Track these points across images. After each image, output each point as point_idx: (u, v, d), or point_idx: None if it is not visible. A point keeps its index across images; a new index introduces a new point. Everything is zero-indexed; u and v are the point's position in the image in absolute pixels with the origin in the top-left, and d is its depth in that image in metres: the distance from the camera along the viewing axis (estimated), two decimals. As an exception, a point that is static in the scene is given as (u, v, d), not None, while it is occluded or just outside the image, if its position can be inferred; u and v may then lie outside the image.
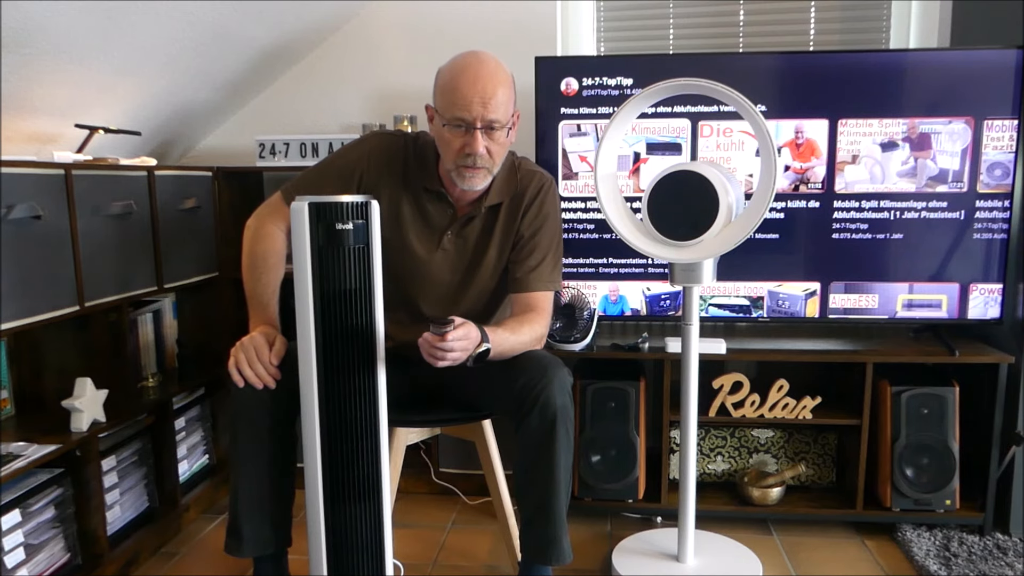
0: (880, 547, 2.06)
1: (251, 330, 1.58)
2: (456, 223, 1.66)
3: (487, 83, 1.49)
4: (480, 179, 1.57)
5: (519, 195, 1.67)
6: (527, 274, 1.66)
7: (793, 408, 2.10)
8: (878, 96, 2.02)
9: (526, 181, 1.69)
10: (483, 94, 1.49)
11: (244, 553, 1.56)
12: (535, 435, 1.51)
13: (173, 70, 2.05)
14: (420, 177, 1.65)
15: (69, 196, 1.71)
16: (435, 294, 1.70)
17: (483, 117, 1.50)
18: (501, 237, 1.68)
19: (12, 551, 1.64)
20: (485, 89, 1.49)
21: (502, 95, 1.51)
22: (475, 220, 1.67)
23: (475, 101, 1.48)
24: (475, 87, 1.49)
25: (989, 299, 2.07)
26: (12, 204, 1.55)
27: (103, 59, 1.81)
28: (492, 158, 1.55)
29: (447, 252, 1.67)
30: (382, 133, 1.75)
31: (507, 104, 1.53)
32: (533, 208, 1.67)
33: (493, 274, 1.70)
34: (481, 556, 2.05)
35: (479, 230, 1.68)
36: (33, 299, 1.62)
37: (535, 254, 1.66)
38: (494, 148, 1.54)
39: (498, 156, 1.57)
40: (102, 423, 1.82)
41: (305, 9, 2.20)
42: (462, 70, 1.51)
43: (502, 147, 1.57)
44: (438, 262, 1.67)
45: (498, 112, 1.51)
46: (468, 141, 1.51)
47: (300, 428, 1.42)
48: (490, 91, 1.49)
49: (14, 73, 1.63)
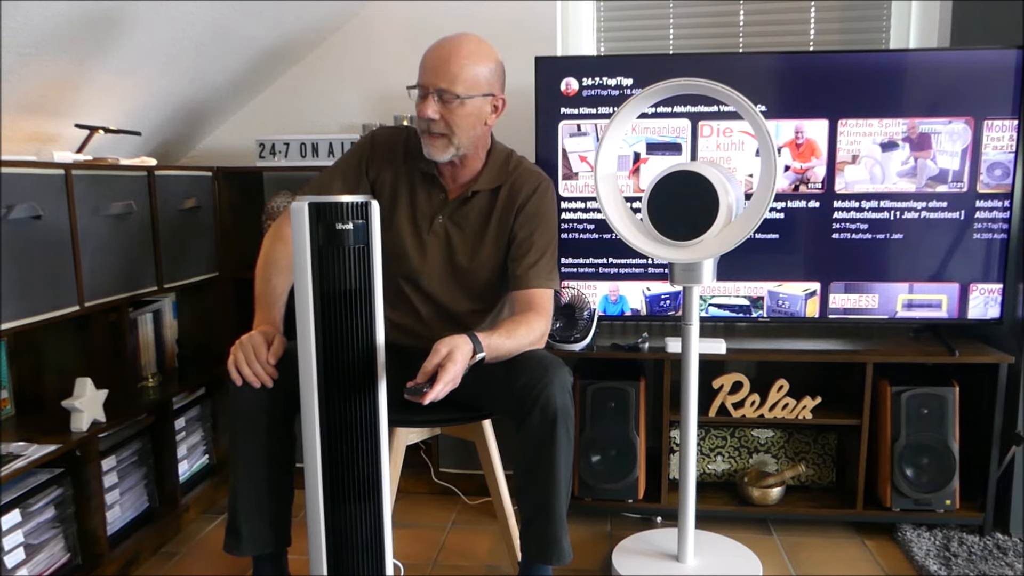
0: (880, 547, 2.06)
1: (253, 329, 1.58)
2: (447, 207, 1.70)
3: (447, 53, 1.57)
4: (440, 148, 1.62)
5: (514, 192, 1.69)
6: (526, 271, 1.67)
7: (793, 408, 2.10)
8: (878, 96, 2.02)
9: (522, 179, 1.70)
10: (438, 61, 1.57)
11: (243, 552, 1.56)
12: (535, 435, 1.51)
13: (173, 70, 2.05)
14: (418, 163, 1.70)
15: (69, 196, 1.71)
16: (429, 278, 1.72)
17: (434, 83, 1.57)
18: (494, 228, 1.70)
19: (12, 551, 1.64)
20: (441, 57, 1.57)
21: (458, 67, 1.56)
22: (466, 206, 1.70)
23: (429, 68, 1.58)
24: (434, 55, 1.58)
25: (989, 299, 2.07)
26: (12, 204, 1.55)
27: (103, 59, 1.81)
28: (450, 128, 1.59)
29: (438, 235, 1.70)
30: (387, 126, 1.82)
31: (468, 78, 1.58)
32: (529, 206, 1.69)
33: (487, 263, 1.71)
34: (481, 556, 2.05)
35: (471, 217, 1.70)
36: (33, 299, 1.62)
37: (532, 251, 1.67)
38: (450, 118, 1.59)
39: (459, 128, 1.60)
40: (102, 423, 1.82)
41: (305, 9, 2.20)
42: (435, 43, 1.61)
43: (462, 119, 1.60)
44: (430, 245, 1.71)
45: (453, 83, 1.56)
46: (419, 105, 1.60)
47: (299, 427, 1.42)
48: (446, 60, 1.56)
49: (14, 73, 1.63)
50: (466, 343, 1.44)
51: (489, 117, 1.66)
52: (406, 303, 1.74)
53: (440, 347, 1.40)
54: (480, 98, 1.61)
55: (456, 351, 1.40)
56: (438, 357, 1.39)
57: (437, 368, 1.38)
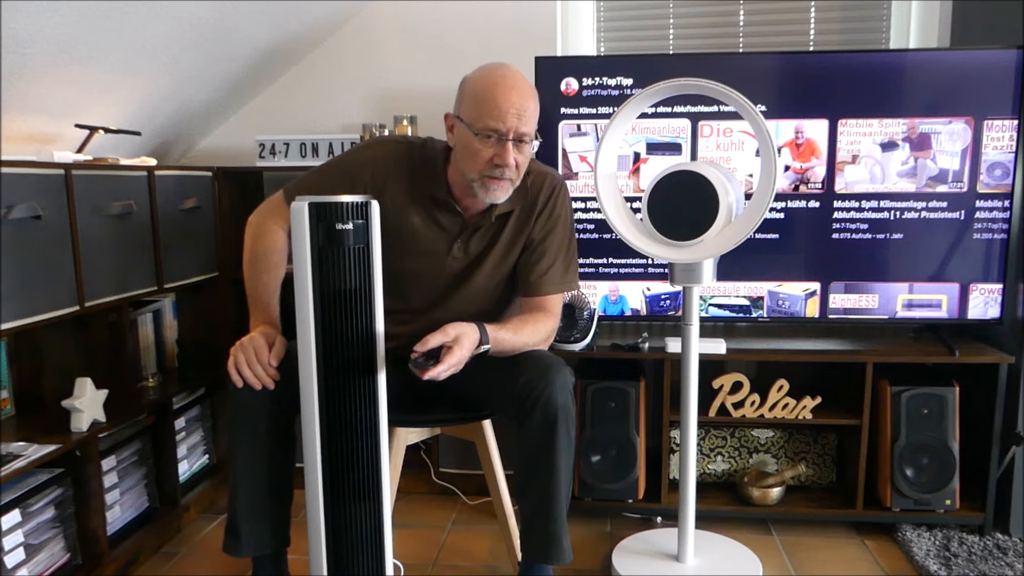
0: (880, 547, 2.06)
1: (251, 329, 1.58)
2: (465, 231, 1.65)
3: (522, 95, 1.51)
4: (504, 191, 1.56)
5: (531, 201, 1.66)
6: (539, 278, 1.65)
7: (793, 408, 2.10)
8: (878, 96, 2.02)
9: (537, 185, 1.67)
10: (519, 106, 1.49)
11: (242, 553, 1.56)
12: (536, 434, 1.51)
13: (173, 70, 2.05)
14: (428, 186, 1.63)
15: (69, 196, 1.71)
16: (445, 301, 1.69)
17: (517, 129, 1.50)
18: (510, 242, 1.67)
19: (12, 551, 1.64)
20: (520, 101, 1.50)
21: (533, 108, 1.53)
22: (484, 229, 1.66)
23: (511, 113, 1.49)
24: (510, 99, 1.49)
25: (989, 299, 2.07)
26: (12, 204, 1.55)
27: (103, 59, 1.81)
28: (517, 170, 1.55)
29: (457, 260, 1.66)
30: (387, 140, 1.73)
31: (536, 117, 1.55)
32: (545, 212, 1.66)
33: (502, 279, 1.70)
34: (481, 556, 2.04)
35: (489, 238, 1.66)
36: (33, 299, 1.62)
37: (546, 258, 1.66)
38: (521, 160, 1.55)
39: (523, 169, 1.57)
40: (102, 423, 1.82)
41: (305, 9, 2.20)
42: (497, 81, 1.51)
43: (527, 159, 1.57)
44: (448, 270, 1.66)
45: (530, 125, 1.53)
46: (499, 152, 1.50)
47: (299, 428, 1.42)
48: (524, 104, 1.50)
49: (14, 73, 1.63)
50: (474, 331, 1.46)
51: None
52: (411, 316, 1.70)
53: (449, 329, 1.42)
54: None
55: (464, 337, 1.42)
56: (445, 337, 1.40)
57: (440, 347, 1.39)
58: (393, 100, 2.44)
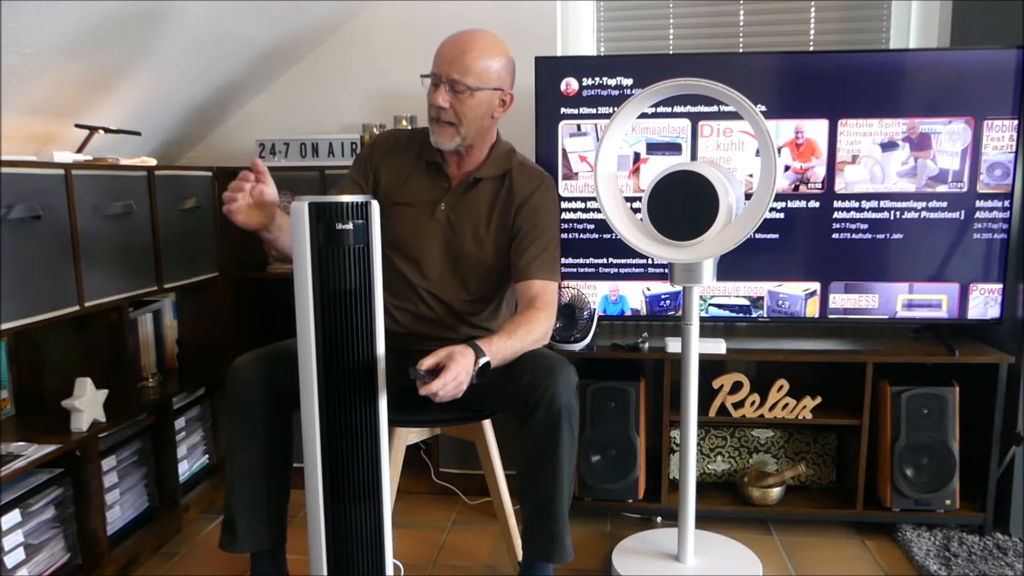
0: (880, 547, 2.06)
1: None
2: (450, 195, 1.73)
3: (462, 45, 1.62)
4: (447, 136, 1.66)
5: (515, 187, 1.72)
6: (529, 263, 1.69)
7: (793, 408, 2.10)
8: (878, 96, 2.02)
9: (523, 175, 1.74)
10: (453, 53, 1.62)
11: (239, 549, 1.57)
12: (539, 433, 1.52)
13: (173, 70, 2.05)
14: (422, 151, 1.76)
15: (69, 196, 1.71)
16: (429, 263, 1.74)
17: (447, 73, 1.62)
18: (495, 219, 1.72)
19: (12, 551, 1.63)
20: (456, 49, 1.62)
21: (472, 59, 1.61)
22: (468, 194, 1.73)
23: (444, 58, 1.63)
24: (449, 47, 1.63)
25: (989, 299, 2.07)
26: (12, 204, 1.55)
27: (103, 59, 1.81)
28: (459, 117, 1.64)
29: (439, 222, 1.73)
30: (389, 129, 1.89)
31: (480, 71, 1.62)
32: (531, 202, 1.71)
33: (486, 253, 1.73)
34: (481, 556, 2.04)
35: (472, 205, 1.73)
36: (33, 299, 1.62)
37: (535, 246, 1.70)
38: (460, 108, 1.63)
39: (467, 118, 1.64)
40: (102, 423, 1.82)
41: (305, 9, 2.20)
42: (451, 36, 1.66)
43: (471, 110, 1.64)
44: (431, 230, 1.73)
45: (465, 74, 1.61)
46: (432, 94, 1.64)
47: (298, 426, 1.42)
48: (460, 51, 1.62)
49: (14, 73, 1.63)
50: (466, 348, 1.44)
51: (496, 110, 1.70)
52: (405, 287, 1.76)
53: (440, 350, 1.42)
54: (490, 91, 1.65)
55: (457, 354, 1.41)
56: (435, 358, 1.41)
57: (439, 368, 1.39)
58: (393, 100, 2.44)
